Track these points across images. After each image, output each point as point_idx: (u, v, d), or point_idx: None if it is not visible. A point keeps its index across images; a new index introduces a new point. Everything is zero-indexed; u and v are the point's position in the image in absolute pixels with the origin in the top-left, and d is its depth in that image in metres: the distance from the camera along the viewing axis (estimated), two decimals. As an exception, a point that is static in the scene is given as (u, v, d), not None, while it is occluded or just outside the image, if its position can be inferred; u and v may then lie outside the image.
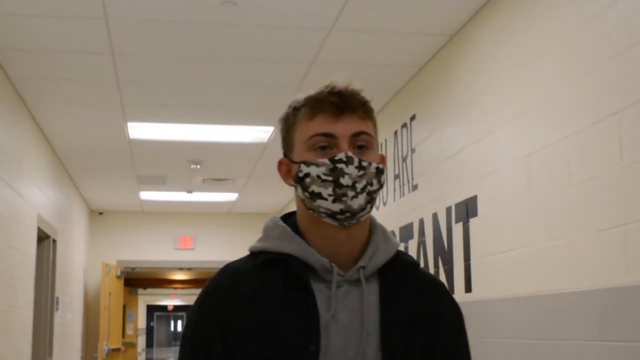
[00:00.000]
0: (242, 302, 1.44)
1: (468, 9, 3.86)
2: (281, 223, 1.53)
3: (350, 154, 1.43)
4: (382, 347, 1.44)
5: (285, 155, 1.52)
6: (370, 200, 1.46)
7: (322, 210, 1.45)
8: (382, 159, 1.51)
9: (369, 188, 1.45)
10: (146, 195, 9.47)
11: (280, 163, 1.53)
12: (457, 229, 4.03)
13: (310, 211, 1.47)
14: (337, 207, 1.43)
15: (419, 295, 1.52)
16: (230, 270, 1.50)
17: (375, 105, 1.53)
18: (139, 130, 6.31)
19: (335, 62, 4.53)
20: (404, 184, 4.95)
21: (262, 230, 1.55)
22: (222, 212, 10.69)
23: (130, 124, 6.09)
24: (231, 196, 9.51)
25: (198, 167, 7.56)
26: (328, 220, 1.45)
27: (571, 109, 2.89)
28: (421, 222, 4.61)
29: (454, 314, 1.57)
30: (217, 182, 8.59)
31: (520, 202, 3.30)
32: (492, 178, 3.62)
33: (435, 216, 4.36)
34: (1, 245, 5.05)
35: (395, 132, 5.15)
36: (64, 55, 4.56)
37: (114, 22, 4.00)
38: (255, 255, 1.51)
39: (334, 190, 1.42)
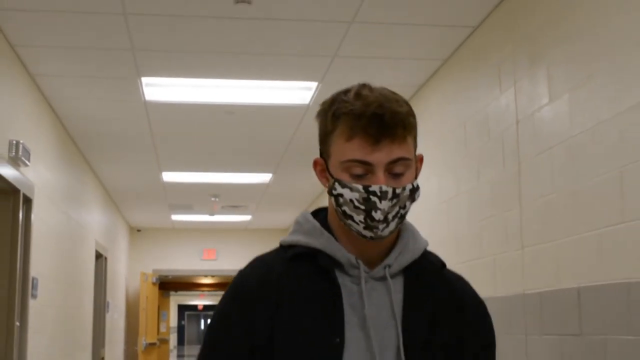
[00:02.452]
0: (271, 295, 1.44)
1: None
2: (312, 219, 1.51)
3: (385, 188, 1.39)
4: (404, 344, 1.42)
5: (321, 155, 1.48)
6: (401, 221, 1.45)
7: (352, 228, 1.43)
8: (419, 160, 1.49)
9: (401, 212, 1.42)
10: (176, 217, 11.52)
11: (315, 163, 1.50)
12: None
13: (342, 223, 1.46)
14: (367, 233, 1.42)
15: (444, 294, 1.49)
16: (260, 262, 1.51)
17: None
18: (171, 175, 8.33)
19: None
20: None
21: (293, 224, 1.54)
22: (240, 229, 12.69)
23: (164, 173, 8.13)
24: (246, 217, 11.51)
25: (217, 199, 9.59)
26: (358, 236, 1.44)
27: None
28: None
29: (479, 313, 1.53)
30: (233, 208, 10.59)
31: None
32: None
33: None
34: (71, 264, 7.07)
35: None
36: (99, 103, 6.33)
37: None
38: (285, 248, 1.51)
39: (365, 219, 1.40)
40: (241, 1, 3.75)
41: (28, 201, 5.03)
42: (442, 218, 4.75)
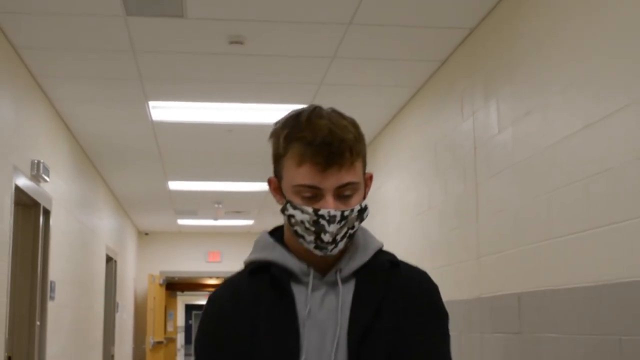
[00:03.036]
0: (238, 310, 1.51)
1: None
2: (267, 236, 1.58)
3: (333, 212, 1.44)
4: (348, 336, 1.47)
5: (275, 174, 1.54)
6: (350, 239, 1.50)
7: (304, 246, 1.50)
8: (368, 179, 1.53)
9: (350, 232, 1.48)
10: (182, 221, 12.08)
11: (269, 181, 1.56)
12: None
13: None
14: (318, 252, 1.48)
15: (391, 287, 1.53)
16: (228, 284, 1.58)
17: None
18: (176, 184, 8.89)
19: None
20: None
21: (253, 245, 1.61)
22: (243, 232, 13.25)
23: (170, 182, 8.69)
24: (248, 222, 12.06)
25: (220, 205, 10.15)
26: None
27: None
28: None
29: (426, 300, 1.55)
30: (236, 213, 11.14)
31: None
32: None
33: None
34: (84, 268, 7.62)
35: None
36: (111, 123, 7.06)
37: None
38: (246, 266, 1.58)
39: (315, 240, 1.46)
40: (234, 42, 4.30)
41: (47, 213, 5.59)
42: (418, 228, 5.28)
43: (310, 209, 1.45)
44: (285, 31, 4.25)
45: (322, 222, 1.44)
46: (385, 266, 1.55)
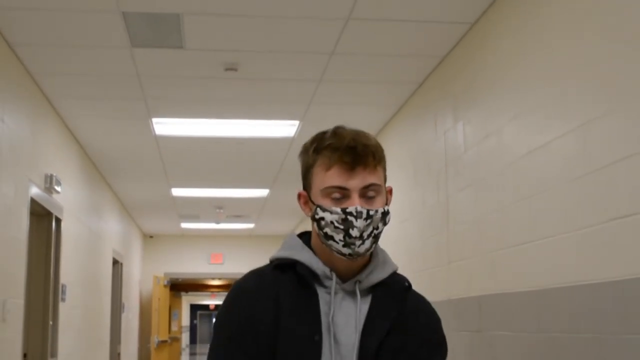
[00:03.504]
0: (264, 300, 1.63)
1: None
2: (295, 237, 1.73)
3: (359, 208, 1.59)
4: (361, 347, 1.61)
5: (305, 188, 1.68)
6: (375, 241, 1.64)
7: (333, 249, 1.62)
8: (389, 192, 1.68)
9: (375, 232, 1.61)
10: (185, 225, 12.55)
11: (299, 195, 1.70)
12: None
13: (323, 244, 1.65)
14: (346, 250, 1.61)
15: (403, 308, 1.68)
16: (255, 274, 1.69)
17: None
18: (179, 191, 9.36)
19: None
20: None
21: (282, 244, 1.74)
22: (244, 235, 13.71)
23: (173, 189, 9.16)
24: (249, 225, 12.53)
25: (221, 210, 10.61)
26: (337, 255, 1.63)
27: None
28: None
29: (431, 329, 1.71)
30: (237, 217, 11.60)
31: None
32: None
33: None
34: (92, 271, 8.09)
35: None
36: (117, 137, 7.53)
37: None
38: (272, 262, 1.71)
39: (344, 238, 1.59)
40: (229, 69, 4.76)
41: (58, 221, 6.05)
42: (402, 235, 5.73)
43: (338, 209, 1.59)
44: (273, 58, 4.71)
45: (350, 218, 1.58)
46: (402, 286, 1.70)
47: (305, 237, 1.74)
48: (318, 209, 1.62)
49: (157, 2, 3.90)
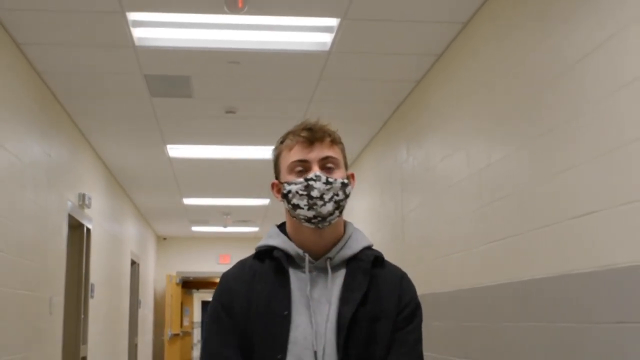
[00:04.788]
0: (242, 284, 1.86)
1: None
2: (274, 227, 1.96)
3: (318, 173, 1.81)
4: (337, 314, 1.80)
5: (276, 177, 1.92)
6: (338, 207, 1.84)
7: (301, 217, 1.83)
8: (351, 176, 1.91)
9: (336, 198, 1.82)
10: (196, 228, 13.74)
11: (272, 184, 1.93)
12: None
13: (294, 219, 1.87)
14: (311, 213, 1.81)
15: (377, 280, 1.84)
16: (237, 264, 1.95)
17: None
18: (190, 200, 10.55)
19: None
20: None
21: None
22: (250, 237, 14.83)
23: (184, 199, 10.36)
24: (254, 229, 13.70)
25: (228, 216, 11.81)
26: (306, 224, 1.84)
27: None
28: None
29: (406, 297, 1.87)
30: (242, 222, 12.77)
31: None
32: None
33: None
34: (115, 271, 9.26)
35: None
36: (137, 159, 8.73)
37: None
38: (256, 251, 1.94)
39: (307, 201, 1.80)
40: (229, 112, 5.93)
41: (88, 231, 7.23)
42: (381, 238, 6.85)
43: (301, 179, 1.82)
44: (264, 103, 5.87)
45: (311, 182, 1.80)
46: (370, 259, 1.87)
47: (283, 226, 1.96)
48: (285, 184, 1.85)
49: (171, 68, 5.05)
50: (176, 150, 7.50)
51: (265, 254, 1.91)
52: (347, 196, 1.86)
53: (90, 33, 4.41)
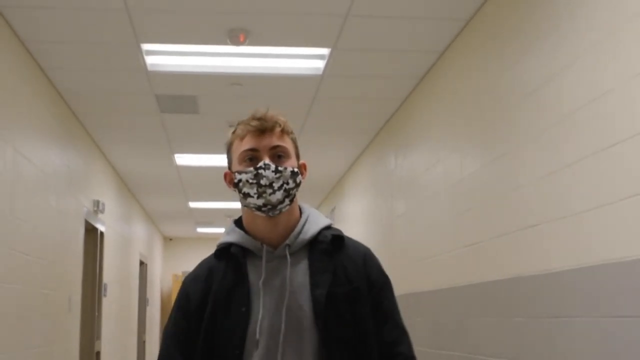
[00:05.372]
0: (200, 284, 1.88)
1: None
2: (231, 223, 1.97)
3: (267, 162, 1.81)
4: (312, 299, 1.79)
5: (229, 167, 1.91)
6: (288, 195, 1.83)
7: (252, 205, 1.84)
8: (302, 166, 1.90)
9: (286, 186, 1.82)
10: (201, 229, 14.29)
11: (225, 175, 1.92)
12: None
13: (246, 208, 1.89)
14: (260, 201, 1.81)
15: (341, 257, 1.87)
16: (198, 265, 1.97)
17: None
18: (195, 204, 11.10)
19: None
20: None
21: None
22: (253, 238, 15.40)
23: (190, 202, 10.91)
24: (257, 230, 14.23)
25: (231, 218, 12.32)
26: (257, 212, 1.85)
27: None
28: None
29: (369, 264, 1.90)
30: (245, 224, 13.31)
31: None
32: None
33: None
34: (125, 272, 9.79)
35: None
36: (147, 168, 9.30)
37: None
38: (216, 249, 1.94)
39: (257, 189, 1.80)
40: (232, 126, 6.44)
41: (102, 235, 7.78)
42: (372, 238, 7.40)
43: (251, 168, 1.82)
44: (265, 119, 6.40)
45: (260, 171, 1.80)
46: (328, 239, 1.87)
47: (240, 220, 1.98)
48: (236, 173, 1.85)
49: (179, 89, 5.58)
50: (183, 159, 8.04)
51: (223, 251, 1.92)
52: (297, 185, 1.86)
53: (108, 60, 4.95)
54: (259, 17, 4.28)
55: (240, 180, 1.85)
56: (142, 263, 11.70)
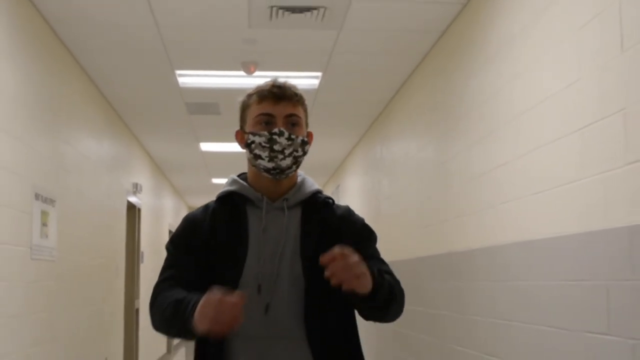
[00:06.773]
0: (202, 226, 1.96)
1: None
2: (233, 176, 2.05)
3: (282, 129, 1.90)
4: (301, 250, 1.91)
5: (241, 127, 2.00)
6: (295, 162, 1.95)
7: (261, 167, 1.94)
8: (309, 135, 2.00)
9: (295, 154, 1.93)
10: (223, 201, 15.75)
11: (237, 133, 2.01)
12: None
13: (254, 167, 1.98)
14: (270, 165, 1.92)
15: (329, 217, 2.00)
16: (200, 207, 2.04)
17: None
18: (217, 180, 12.51)
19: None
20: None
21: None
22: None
23: (213, 179, 12.35)
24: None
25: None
26: (265, 174, 1.95)
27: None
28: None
29: (360, 226, 2.03)
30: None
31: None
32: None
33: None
34: (156, 241, 11.19)
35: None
36: (176, 154, 10.72)
37: (207, 158, 10.19)
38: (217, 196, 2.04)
39: (269, 153, 1.91)
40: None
41: (139, 211, 9.19)
42: (364, 214, 8.76)
43: (266, 132, 1.93)
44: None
45: (274, 137, 1.92)
46: (323, 200, 2.04)
47: (243, 175, 2.08)
48: (250, 135, 1.95)
49: (205, 98, 6.93)
50: (207, 146, 9.42)
51: (225, 198, 2.02)
52: (304, 153, 1.97)
53: (150, 79, 6.32)
54: (267, 54, 5.63)
55: (253, 142, 1.94)
56: (170, 232, 13.13)
